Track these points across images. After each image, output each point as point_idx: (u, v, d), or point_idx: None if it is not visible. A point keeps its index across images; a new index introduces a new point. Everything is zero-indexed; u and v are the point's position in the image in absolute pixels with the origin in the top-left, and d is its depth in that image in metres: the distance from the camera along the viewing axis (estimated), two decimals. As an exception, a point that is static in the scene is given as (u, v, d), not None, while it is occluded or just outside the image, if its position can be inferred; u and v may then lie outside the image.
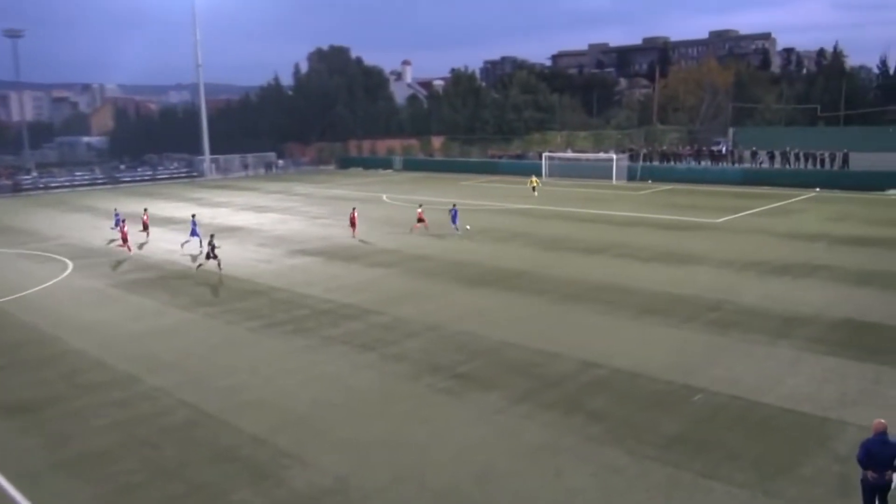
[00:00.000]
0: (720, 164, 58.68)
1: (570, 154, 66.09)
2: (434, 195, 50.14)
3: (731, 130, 69.07)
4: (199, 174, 77.01)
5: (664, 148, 65.49)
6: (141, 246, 32.17)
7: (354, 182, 64.28)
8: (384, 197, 50.38)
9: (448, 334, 18.10)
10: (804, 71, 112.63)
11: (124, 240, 30.52)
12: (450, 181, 62.03)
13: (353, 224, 33.31)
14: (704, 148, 63.64)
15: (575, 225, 35.44)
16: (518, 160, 69.88)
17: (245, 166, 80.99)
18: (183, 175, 75.94)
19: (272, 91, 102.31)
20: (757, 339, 17.07)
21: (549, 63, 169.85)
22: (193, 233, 31.00)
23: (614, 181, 55.14)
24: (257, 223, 39.37)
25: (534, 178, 50.60)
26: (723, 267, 24.94)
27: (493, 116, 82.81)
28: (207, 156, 78.28)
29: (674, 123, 77.51)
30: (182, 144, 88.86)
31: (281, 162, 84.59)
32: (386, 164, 79.25)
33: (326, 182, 65.60)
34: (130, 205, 50.44)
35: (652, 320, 18.84)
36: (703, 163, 59.79)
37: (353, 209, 34.38)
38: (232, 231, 36.69)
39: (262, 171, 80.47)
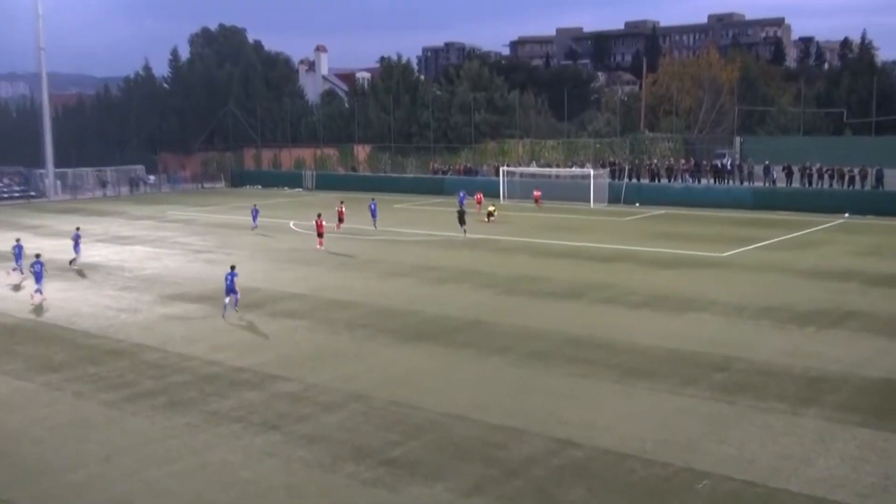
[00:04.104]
0: (725, 182, 60.51)
1: (535, 169, 67.09)
2: (359, 222, 50.06)
3: (737, 140, 71.31)
4: (40, 194, 75.30)
5: (655, 161, 67.18)
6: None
7: (251, 204, 63.56)
8: (291, 224, 50.08)
9: (377, 406, 17.96)
10: (826, 66, 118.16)
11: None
12: (378, 203, 61.97)
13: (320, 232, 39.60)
14: (705, 162, 65.51)
15: (543, 261, 35.84)
16: (468, 176, 70.41)
17: (103, 184, 79.53)
18: (17, 195, 74.10)
19: (141, 84, 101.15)
20: (775, 407, 17.45)
21: (506, 52, 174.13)
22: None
23: (592, 204, 56.14)
24: (119, 259, 38.55)
25: (490, 206, 50.27)
26: (731, 315, 25.55)
27: (436, 119, 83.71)
28: (51, 169, 76.59)
29: (666, 130, 79.63)
30: (16, 154, 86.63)
31: (152, 178, 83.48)
32: (293, 180, 79.01)
33: (213, 204, 64.87)
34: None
35: (643, 384, 19.09)
36: (703, 181, 61.51)
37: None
38: (84, 270, 35.83)
39: (125, 189, 79.21)
